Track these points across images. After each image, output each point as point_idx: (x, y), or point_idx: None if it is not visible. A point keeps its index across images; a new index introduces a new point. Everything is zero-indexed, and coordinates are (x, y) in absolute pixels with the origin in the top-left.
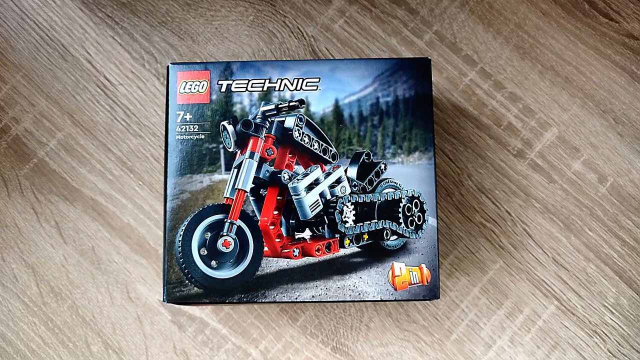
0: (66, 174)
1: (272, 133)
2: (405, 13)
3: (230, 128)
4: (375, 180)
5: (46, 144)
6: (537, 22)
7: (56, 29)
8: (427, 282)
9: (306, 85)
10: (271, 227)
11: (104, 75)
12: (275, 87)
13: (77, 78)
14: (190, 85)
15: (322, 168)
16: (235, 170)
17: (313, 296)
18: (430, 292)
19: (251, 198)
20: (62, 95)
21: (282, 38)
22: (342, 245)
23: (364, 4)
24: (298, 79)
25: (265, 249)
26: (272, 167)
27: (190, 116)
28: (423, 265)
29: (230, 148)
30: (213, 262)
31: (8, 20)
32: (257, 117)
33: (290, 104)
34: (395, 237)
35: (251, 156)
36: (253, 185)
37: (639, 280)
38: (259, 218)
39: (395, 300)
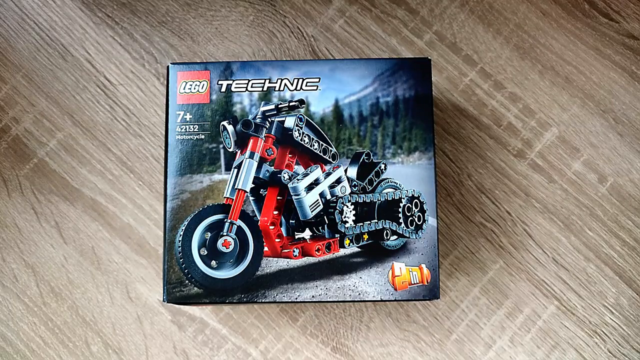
0: (66, 174)
1: (272, 133)
2: (405, 13)
3: (230, 128)
4: (375, 180)
5: (46, 144)
6: (537, 22)
7: (56, 29)
8: (427, 282)
9: (306, 85)
10: (271, 227)
11: (104, 75)
12: (275, 87)
13: (77, 78)
14: (190, 85)
15: (322, 168)
16: (235, 170)
17: (313, 296)
18: (430, 292)
19: (251, 198)
20: (62, 95)
21: (282, 38)
22: (342, 245)
23: (364, 4)
24: (298, 79)
25: (265, 249)
26: (272, 167)
27: (190, 116)
28: (423, 265)
29: (230, 148)
30: (213, 262)
31: (8, 20)
32: (257, 117)
33: (290, 104)
34: (395, 237)
35: (251, 156)
36: (253, 185)
37: (639, 280)
38: (259, 218)
39: (395, 300)
